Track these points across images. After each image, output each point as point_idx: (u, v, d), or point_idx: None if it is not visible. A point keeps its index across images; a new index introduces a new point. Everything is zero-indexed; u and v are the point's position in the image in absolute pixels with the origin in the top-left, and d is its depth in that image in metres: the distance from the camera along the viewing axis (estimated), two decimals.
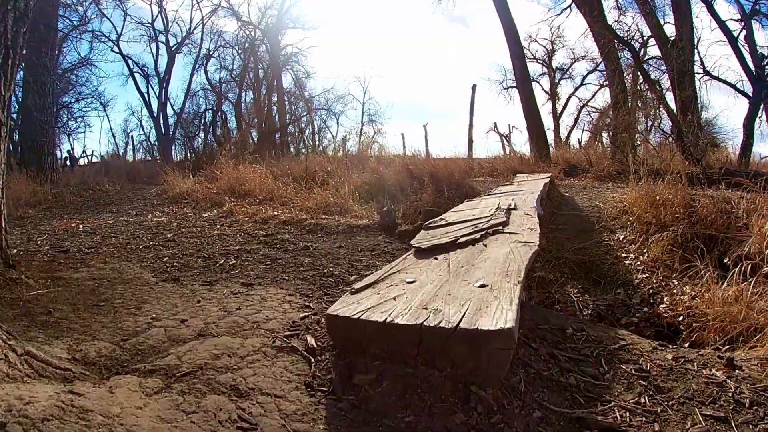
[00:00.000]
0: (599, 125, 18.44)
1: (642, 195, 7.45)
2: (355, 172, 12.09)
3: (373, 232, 6.02)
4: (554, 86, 23.24)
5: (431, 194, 9.02)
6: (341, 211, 7.28)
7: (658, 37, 12.57)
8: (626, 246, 7.10)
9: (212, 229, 6.82)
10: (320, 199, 7.63)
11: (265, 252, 5.08)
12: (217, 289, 3.72)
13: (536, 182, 7.71)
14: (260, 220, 6.97)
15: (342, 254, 4.93)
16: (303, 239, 5.77)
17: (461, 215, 3.96)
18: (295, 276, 4.08)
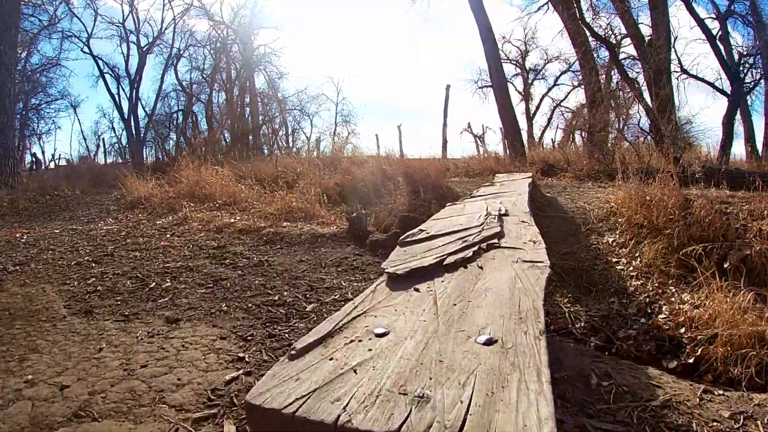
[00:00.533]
0: (572, 125, 17.98)
1: (631, 195, 6.78)
2: (327, 173, 11.24)
3: (340, 241, 5.18)
4: (528, 87, 22.76)
5: (406, 196, 8.21)
6: (306, 216, 6.41)
7: (634, 36, 12.08)
8: (616, 250, 6.43)
9: (160, 239, 5.89)
10: (283, 204, 6.71)
11: (210, 270, 4.20)
12: (132, 327, 2.86)
13: (519, 182, 6.95)
14: (215, 229, 6.06)
15: (302, 271, 4.08)
16: (259, 252, 4.90)
17: (445, 224, 3.16)
18: (237, 306, 3.23)
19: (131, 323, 2.97)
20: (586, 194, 8.32)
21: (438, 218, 3.48)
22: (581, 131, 16.77)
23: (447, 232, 2.82)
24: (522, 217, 3.54)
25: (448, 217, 3.44)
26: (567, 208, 7.36)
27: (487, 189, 5.79)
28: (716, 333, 4.97)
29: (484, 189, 5.80)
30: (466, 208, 3.87)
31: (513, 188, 5.70)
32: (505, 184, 6.46)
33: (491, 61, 14.77)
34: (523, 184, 6.20)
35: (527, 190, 5.29)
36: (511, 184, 6.43)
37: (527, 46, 22.40)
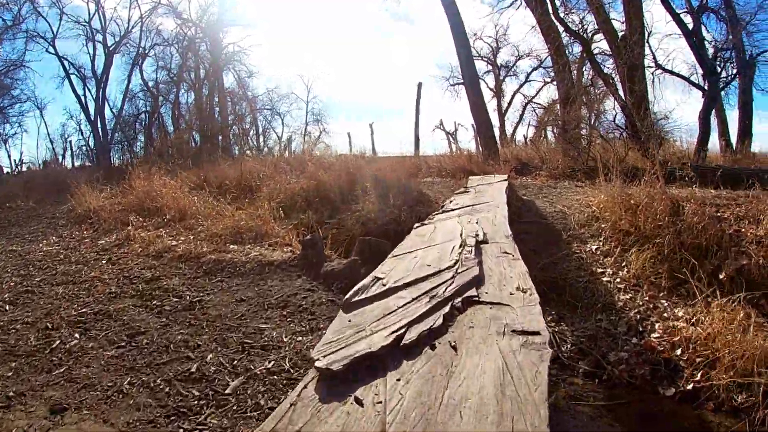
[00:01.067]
0: (544, 121, 17.48)
1: (614, 199, 6.17)
2: (294, 176, 10.43)
3: (291, 271, 4.41)
4: (499, 83, 22.20)
5: (375, 202, 7.47)
6: (257, 236, 5.57)
7: (607, 32, 11.54)
8: (601, 259, 5.82)
9: (94, 266, 5.04)
10: (232, 222, 5.85)
11: (131, 317, 3.41)
12: (9, 419, 2.04)
13: (495, 189, 6.26)
14: (154, 253, 5.23)
15: (238, 316, 3.32)
16: (194, 287, 4.11)
17: (409, 265, 2.39)
18: (143, 382, 2.45)
19: (9, 412, 2.18)
20: (564, 196, 7.70)
21: (401, 253, 2.69)
22: (554, 128, 16.29)
23: (411, 280, 2.08)
24: (504, 245, 2.84)
25: (413, 251, 2.70)
26: (545, 213, 6.73)
27: (461, 199, 5.08)
28: (717, 355, 4.41)
29: (457, 199, 5.09)
30: (437, 233, 3.15)
31: (489, 197, 5.01)
32: (480, 190, 5.76)
33: (463, 58, 14.10)
34: (499, 191, 5.52)
35: (505, 200, 4.60)
36: (486, 190, 5.74)
37: (498, 43, 21.86)
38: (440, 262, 2.31)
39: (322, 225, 8.29)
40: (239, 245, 5.24)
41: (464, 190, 5.87)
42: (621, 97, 9.61)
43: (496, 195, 5.05)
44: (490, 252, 2.68)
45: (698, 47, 10.09)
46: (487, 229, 3.27)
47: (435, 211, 7.06)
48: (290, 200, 9.90)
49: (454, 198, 5.13)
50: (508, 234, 3.11)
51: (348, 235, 7.51)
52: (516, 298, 1.97)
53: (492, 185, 6.32)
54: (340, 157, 9.94)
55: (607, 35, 11.46)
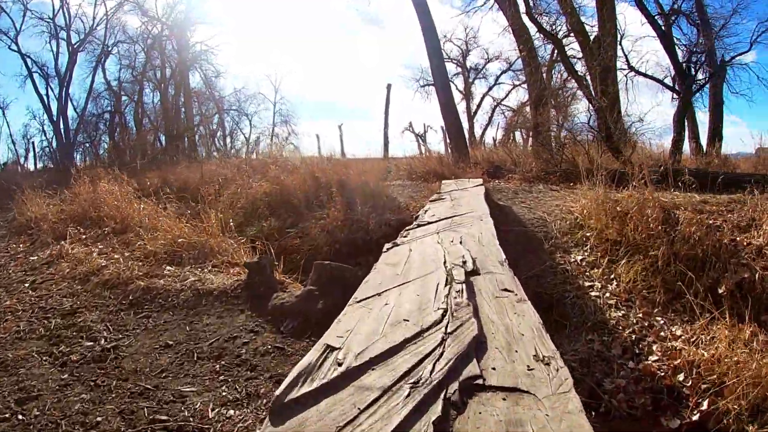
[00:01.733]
0: (514, 123, 17.06)
1: (599, 205, 5.57)
2: (256, 180, 9.57)
3: (233, 304, 3.59)
4: (468, 86, 21.74)
5: (341, 209, 6.71)
6: (200, 255, 4.70)
7: (578, 33, 11.08)
8: (588, 271, 5.24)
9: (13, 293, 4.10)
10: (172, 237, 4.93)
11: (31, 368, 2.63)
12: None
13: (472, 194, 5.58)
14: (81, 276, 4.34)
15: (158, 373, 2.55)
16: (114, 324, 3.29)
17: (379, 319, 1.54)
18: None
19: None
20: (542, 201, 7.11)
21: (367, 297, 1.79)
22: (523, 130, 15.87)
23: (381, 352, 1.33)
24: (500, 277, 2.13)
25: (383, 293, 1.91)
26: (525, 219, 6.12)
27: (437, 208, 4.38)
28: (724, 381, 3.85)
29: (433, 208, 4.38)
30: (413, 260, 2.41)
31: (469, 206, 4.33)
32: (456, 197, 5.08)
33: (433, 58, 13.49)
34: (478, 198, 4.85)
35: (488, 211, 3.93)
36: (464, 197, 5.06)
37: (468, 45, 21.40)
38: (422, 314, 1.58)
39: (284, 234, 7.49)
40: (177, 267, 4.35)
41: (438, 197, 5.17)
42: (595, 99, 9.14)
43: (475, 203, 4.37)
44: (485, 289, 1.97)
45: (672, 50, 9.73)
46: (474, 250, 2.57)
47: (406, 219, 6.35)
48: (251, 206, 9.04)
49: (429, 207, 4.43)
50: (503, 259, 2.41)
51: (312, 245, 6.74)
52: (537, 378, 1.26)
53: (468, 191, 5.65)
54: (306, 160, 9.10)
55: (579, 37, 11.04)
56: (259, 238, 7.88)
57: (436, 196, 5.16)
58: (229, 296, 3.62)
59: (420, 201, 6.78)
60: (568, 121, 11.35)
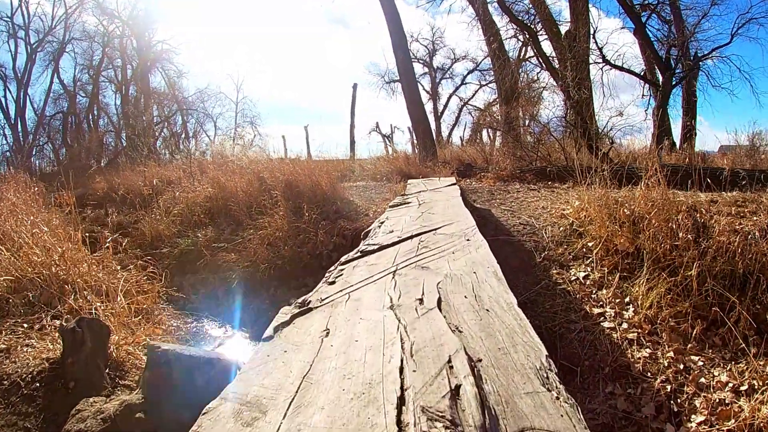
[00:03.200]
0: (483, 122, 15.82)
1: (600, 207, 4.18)
2: (198, 182, 7.95)
3: (19, 412, 1.96)
4: (435, 86, 20.46)
5: (284, 216, 5.14)
6: (44, 298, 2.95)
7: (548, 28, 9.86)
8: (594, 292, 3.88)
9: None
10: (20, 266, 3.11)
11: None
12: None
13: (445, 194, 4.11)
14: None
15: None
16: None
17: None
18: None
19: None
20: (524, 202, 5.73)
21: None
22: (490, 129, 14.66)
23: None
24: None
25: None
26: (508, 226, 4.71)
27: (400, 218, 2.91)
28: None
29: (393, 218, 2.91)
30: (318, 387, 0.94)
31: (444, 215, 2.89)
32: (426, 201, 3.62)
33: (398, 52, 12.10)
34: (454, 202, 3.43)
35: (473, 222, 2.47)
36: (435, 200, 3.61)
37: (435, 45, 20.12)
38: None
39: (221, 246, 5.89)
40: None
41: (403, 200, 3.70)
42: (573, 91, 7.91)
43: (452, 211, 2.94)
44: None
45: (651, 42, 8.59)
46: (472, 331, 1.09)
47: (364, 228, 4.86)
48: (189, 213, 7.38)
49: (388, 217, 2.97)
50: (548, 365, 0.94)
51: (250, 261, 5.18)
52: None
53: (440, 191, 4.21)
54: (254, 160, 7.49)
55: (549, 32, 9.84)
56: (192, 251, 6.27)
57: (400, 200, 3.70)
58: (23, 393, 1.97)
59: (381, 205, 5.30)
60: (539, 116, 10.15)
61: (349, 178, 11.39)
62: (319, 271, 4.90)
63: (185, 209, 7.53)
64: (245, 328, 4.68)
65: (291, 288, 4.83)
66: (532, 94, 10.90)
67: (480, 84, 19.35)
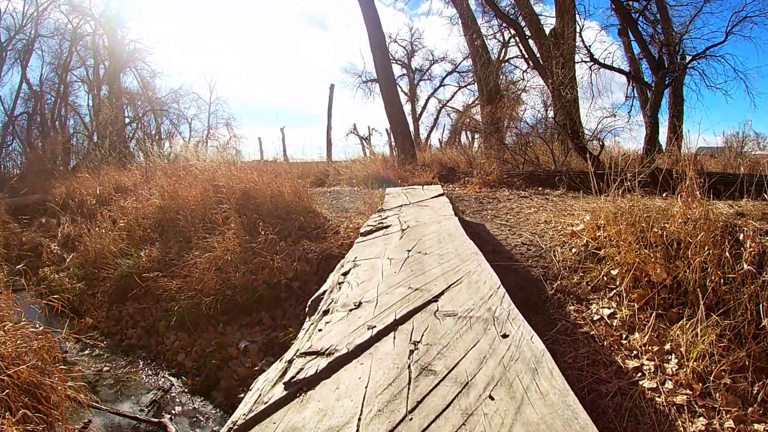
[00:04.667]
0: (463, 124, 14.97)
1: (627, 225, 3.26)
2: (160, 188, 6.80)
3: None
4: (413, 87, 19.47)
5: (237, 235, 4.08)
6: None
7: (531, 26, 9.01)
8: (624, 336, 2.98)
9: None
10: None
11: None
12: None
13: (434, 211, 3.10)
14: None
15: None
16: None
17: None
18: None
19: None
20: (520, 214, 4.82)
21: None
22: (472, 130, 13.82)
23: None
24: None
25: None
26: (509, 247, 3.77)
27: (374, 260, 1.94)
28: None
29: (364, 263, 1.93)
30: None
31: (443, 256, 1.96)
32: (410, 225, 2.64)
33: (376, 50, 11.09)
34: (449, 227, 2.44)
35: (499, 282, 1.47)
36: (422, 222, 2.63)
37: (413, 46, 19.16)
38: None
39: (166, 268, 4.80)
40: None
41: (379, 222, 2.69)
42: (565, 90, 7.06)
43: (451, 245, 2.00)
44: None
45: (643, 40, 7.83)
46: None
47: (332, 251, 3.86)
48: (136, 225, 6.25)
49: (357, 256, 1.97)
50: None
51: (196, 289, 4.10)
52: None
53: (425, 206, 3.24)
54: (217, 162, 6.35)
55: (533, 30, 9.01)
56: (133, 274, 5.15)
57: (375, 222, 2.69)
58: None
59: (355, 219, 4.28)
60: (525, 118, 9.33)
61: (324, 182, 10.38)
62: (277, 305, 3.87)
63: (133, 222, 6.39)
64: (185, 378, 3.62)
65: (242, 325, 3.79)
66: (518, 94, 10.07)
67: (459, 86, 18.51)
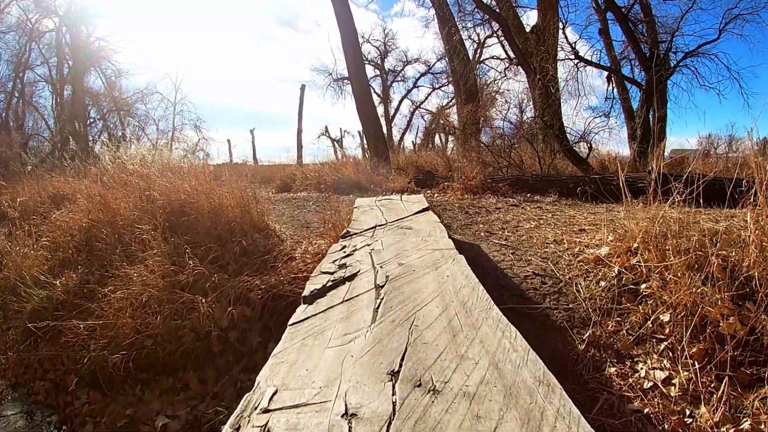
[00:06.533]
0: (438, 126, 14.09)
1: (674, 246, 2.30)
2: None
3: None
4: (386, 89, 18.47)
5: (161, 264, 2.93)
6: None
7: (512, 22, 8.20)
8: (689, 413, 2.00)
9: None
10: None
11: None
12: None
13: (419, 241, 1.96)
14: None
15: None
16: None
17: None
18: None
19: None
20: (519, 229, 3.90)
21: None
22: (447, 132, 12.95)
23: None
24: None
25: None
26: (517, 278, 2.81)
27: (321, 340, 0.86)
28: None
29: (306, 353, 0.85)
30: None
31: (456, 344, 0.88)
32: (391, 274, 1.63)
33: (348, 48, 10.08)
34: (463, 286, 1.38)
35: None
36: (411, 268, 1.61)
37: (386, 47, 18.16)
38: None
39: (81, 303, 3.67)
40: None
41: (341, 262, 1.66)
42: (551, 89, 6.23)
43: (473, 335, 0.95)
44: None
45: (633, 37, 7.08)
46: None
47: (283, 290, 2.84)
48: (62, 244, 5.02)
49: (278, 379, 0.93)
50: None
51: (109, 338, 2.99)
52: None
53: (408, 229, 2.25)
54: (158, 164, 5.15)
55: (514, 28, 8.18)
56: (46, 309, 3.98)
57: (336, 261, 1.66)
58: None
59: (315, 241, 3.24)
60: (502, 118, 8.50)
61: (290, 187, 9.27)
62: (209, 362, 2.78)
63: (60, 238, 5.13)
64: None
65: (163, 390, 2.70)
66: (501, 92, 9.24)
67: (433, 87, 17.62)
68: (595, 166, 7.20)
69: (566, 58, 7.54)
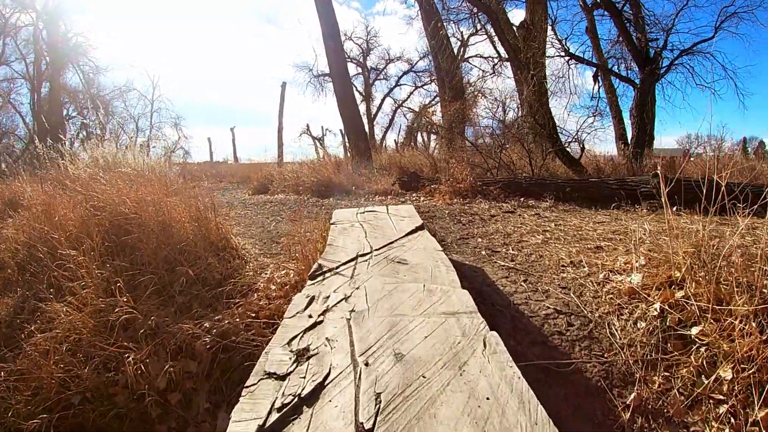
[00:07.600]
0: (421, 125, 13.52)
1: (729, 276, 1.73)
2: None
3: None
4: (369, 87, 17.78)
5: (96, 294, 2.23)
6: None
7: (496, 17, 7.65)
8: None
9: None
10: None
11: None
12: None
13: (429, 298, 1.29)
14: None
15: None
16: None
17: None
18: None
19: None
20: (525, 244, 3.36)
21: None
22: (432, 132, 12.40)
23: None
24: None
25: None
26: (536, 317, 2.20)
27: None
28: None
29: None
30: None
31: None
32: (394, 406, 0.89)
33: (329, 41, 9.40)
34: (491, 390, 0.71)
35: None
36: (410, 348, 0.97)
37: (369, 45, 17.46)
38: None
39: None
40: None
41: (307, 327, 1.05)
42: (544, 88, 5.73)
43: None
44: None
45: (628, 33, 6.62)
46: None
47: (239, 347, 2.21)
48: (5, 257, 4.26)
49: None
50: None
51: (32, 389, 2.28)
52: None
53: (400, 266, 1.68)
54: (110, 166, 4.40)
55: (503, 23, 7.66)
56: None
57: (299, 327, 1.03)
58: None
59: (284, 265, 2.60)
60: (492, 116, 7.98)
61: (268, 189, 8.57)
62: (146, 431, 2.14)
63: (3, 254, 4.34)
64: None
65: None
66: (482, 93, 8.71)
67: (415, 85, 17.02)
68: (588, 167, 6.75)
69: (556, 55, 7.08)
